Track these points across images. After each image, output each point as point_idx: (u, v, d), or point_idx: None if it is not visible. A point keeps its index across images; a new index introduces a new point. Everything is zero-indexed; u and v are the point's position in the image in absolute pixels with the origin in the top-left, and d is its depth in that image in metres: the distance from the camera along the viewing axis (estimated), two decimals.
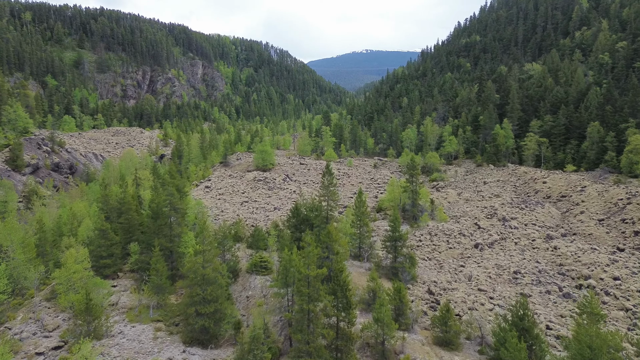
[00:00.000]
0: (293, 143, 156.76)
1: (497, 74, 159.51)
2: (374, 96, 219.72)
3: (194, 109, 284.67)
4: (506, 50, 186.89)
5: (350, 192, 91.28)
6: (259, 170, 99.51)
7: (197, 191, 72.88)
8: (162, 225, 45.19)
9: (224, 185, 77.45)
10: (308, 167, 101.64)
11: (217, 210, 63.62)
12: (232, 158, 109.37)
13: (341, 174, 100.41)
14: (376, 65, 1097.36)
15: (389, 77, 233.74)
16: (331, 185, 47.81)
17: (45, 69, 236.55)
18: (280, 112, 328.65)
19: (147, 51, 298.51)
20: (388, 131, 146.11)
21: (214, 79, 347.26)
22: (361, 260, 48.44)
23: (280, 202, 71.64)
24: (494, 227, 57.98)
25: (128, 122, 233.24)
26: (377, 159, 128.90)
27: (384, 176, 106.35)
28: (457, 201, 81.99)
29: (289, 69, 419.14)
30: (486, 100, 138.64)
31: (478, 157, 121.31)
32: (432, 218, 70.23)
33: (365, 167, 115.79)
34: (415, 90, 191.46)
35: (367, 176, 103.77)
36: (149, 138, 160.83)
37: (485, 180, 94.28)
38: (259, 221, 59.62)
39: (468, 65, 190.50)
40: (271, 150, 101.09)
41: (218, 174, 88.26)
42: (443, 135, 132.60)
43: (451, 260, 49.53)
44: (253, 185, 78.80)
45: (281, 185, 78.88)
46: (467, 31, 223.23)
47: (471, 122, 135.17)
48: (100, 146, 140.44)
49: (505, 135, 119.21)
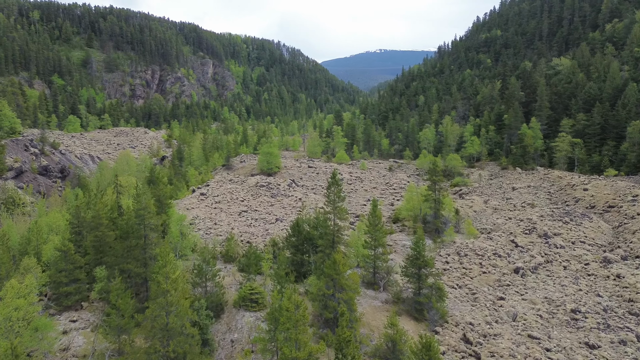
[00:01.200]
0: (303, 144, 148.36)
1: (520, 70, 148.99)
2: (388, 94, 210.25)
3: (204, 108, 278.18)
4: (530, 45, 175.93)
5: (363, 198, 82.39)
6: (263, 174, 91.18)
7: (190, 199, 64.84)
8: (133, 246, 36.87)
9: (222, 191, 69.27)
10: (317, 171, 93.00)
11: (209, 223, 55.36)
12: (235, 160, 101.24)
13: (353, 178, 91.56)
14: (390, 65, 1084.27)
15: (404, 74, 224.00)
16: (338, 199, 38.99)
17: (52, 68, 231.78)
18: (291, 111, 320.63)
19: (156, 50, 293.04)
20: (404, 131, 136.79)
21: (225, 78, 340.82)
22: (376, 290, 39.65)
23: (283, 211, 63.09)
24: (535, 246, 48.65)
25: (135, 122, 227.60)
26: (392, 161, 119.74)
27: (400, 180, 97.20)
28: (484, 210, 72.53)
29: (300, 67, 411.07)
30: (510, 97, 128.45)
31: (503, 159, 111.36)
32: (457, 231, 61.02)
33: (380, 170, 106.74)
34: (433, 88, 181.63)
35: (382, 180, 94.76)
36: (152, 139, 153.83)
37: (514, 185, 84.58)
38: (257, 236, 51.19)
39: (489, 61, 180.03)
40: (277, 152, 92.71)
41: (218, 179, 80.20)
42: (464, 136, 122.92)
43: (486, 289, 40.42)
44: (254, 192, 70.46)
45: (286, 191, 70.43)
46: (486, 26, 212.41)
47: (494, 121, 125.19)
48: (101, 147, 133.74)
49: (533, 136, 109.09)
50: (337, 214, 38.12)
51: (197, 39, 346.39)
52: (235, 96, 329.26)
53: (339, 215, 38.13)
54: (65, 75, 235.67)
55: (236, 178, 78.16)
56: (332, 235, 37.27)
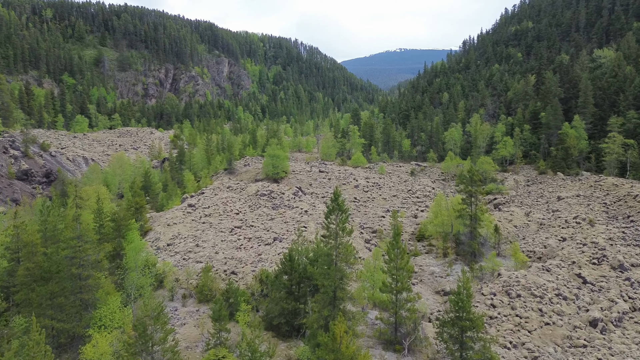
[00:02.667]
0: (317, 145, 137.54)
1: (557, 63, 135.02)
2: (409, 92, 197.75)
3: (217, 108, 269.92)
4: (565, 37, 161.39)
5: (381, 208, 70.98)
6: (269, 179, 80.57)
7: (176, 211, 54.60)
8: (56, 293, 26.46)
9: (216, 201, 58.90)
10: (329, 176, 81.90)
11: (192, 243, 44.90)
12: (239, 164, 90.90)
13: (370, 184, 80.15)
14: (410, 64, 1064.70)
15: (427, 71, 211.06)
16: (342, 232, 27.58)
17: (63, 67, 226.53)
18: (308, 111, 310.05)
19: (170, 48, 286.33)
20: (427, 131, 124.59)
21: (240, 77, 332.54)
22: (399, 351, 28.37)
23: (284, 227, 52.26)
24: (611, 283, 36.81)
25: (147, 122, 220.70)
26: (414, 165, 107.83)
27: (424, 187, 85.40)
28: (526, 225, 60.44)
29: (318, 66, 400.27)
30: (547, 93, 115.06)
31: (541, 162, 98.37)
32: (498, 254, 49.19)
33: (401, 175, 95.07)
34: (458, 84, 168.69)
35: (403, 187, 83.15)
36: (159, 140, 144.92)
37: (560, 194, 72.02)
38: (245, 263, 40.52)
39: (519, 55, 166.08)
40: (284, 155, 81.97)
41: (216, 185, 69.93)
42: (495, 136, 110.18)
43: (553, 350, 28.80)
44: (253, 202, 59.85)
45: (290, 202, 59.67)
46: (516, 18, 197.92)
47: (529, 119, 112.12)
48: (102, 148, 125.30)
49: (576, 136, 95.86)
50: (340, 255, 26.76)
51: (212, 37, 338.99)
52: (251, 95, 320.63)
53: (343, 255, 26.77)
54: (77, 74, 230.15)
55: (236, 185, 67.71)
56: (334, 285, 25.89)
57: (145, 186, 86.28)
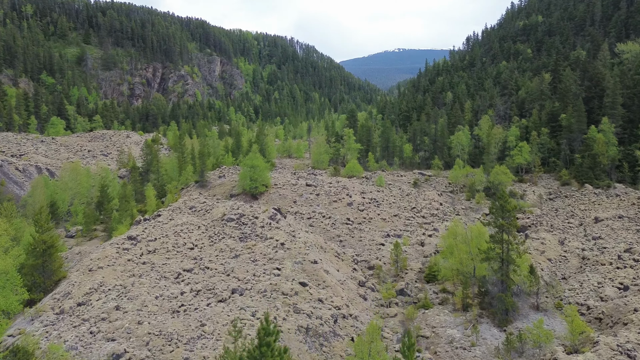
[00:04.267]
0: (309, 149, 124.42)
1: (572, 59, 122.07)
2: (410, 92, 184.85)
3: (208, 109, 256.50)
4: (579, 32, 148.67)
5: (380, 233, 58.00)
6: (245, 195, 67.47)
7: (109, 247, 41.11)
8: None
9: (167, 231, 45.86)
10: (317, 191, 68.78)
11: (112, 303, 31.60)
12: (212, 175, 77.58)
13: (367, 200, 67.06)
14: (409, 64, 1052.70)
15: (428, 69, 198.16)
16: None
17: (42, 65, 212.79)
18: (303, 111, 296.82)
19: (158, 46, 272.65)
20: (431, 134, 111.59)
21: (233, 76, 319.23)
22: None
23: (250, 270, 39.18)
24: None
25: (131, 124, 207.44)
26: (417, 173, 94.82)
27: (429, 202, 72.38)
28: (564, 259, 47.55)
29: (315, 65, 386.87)
30: (566, 92, 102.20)
31: (563, 171, 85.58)
32: (536, 307, 36.25)
33: (402, 187, 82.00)
34: (462, 83, 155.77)
35: (406, 203, 70.08)
36: (135, 144, 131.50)
37: (597, 214, 59.04)
38: (177, 344, 27.38)
39: (529, 52, 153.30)
40: (264, 166, 68.85)
41: (178, 204, 56.87)
42: (508, 140, 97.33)
43: None
44: (216, 231, 46.79)
45: (264, 229, 46.70)
46: (523, 12, 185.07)
47: (547, 122, 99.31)
48: (67, 155, 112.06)
49: (605, 142, 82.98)
50: None
51: (204, 35, 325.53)
52: (244, 95, 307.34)
53: None
54: (57, 73, 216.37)
55: (202, 204, 54.70)
56: None
57: (100, 202, 73.28)
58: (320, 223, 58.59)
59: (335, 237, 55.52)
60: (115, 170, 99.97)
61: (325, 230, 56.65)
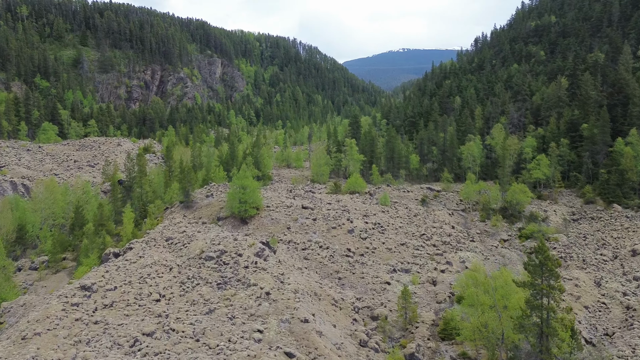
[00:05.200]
0: (310, 157, 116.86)
1: (590, 63, 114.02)
2: (415, 95, 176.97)
3: (207, 112, 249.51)
4: (596, 33, 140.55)
5: (385, 267, 50.59)
6: (234, 219, 60.12)
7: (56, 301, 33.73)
8: None
9: (132, 274, 38.65)
10: (314, 214, 61.29)
11: None
12: (199, 195, 70.11)
13: (370, 226, 59.57)
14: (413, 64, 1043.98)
15: (434, 71, 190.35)
16: None
17: (36, 68, 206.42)
18: (306, 114, 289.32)
19: (157, 48, 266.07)
20: (439, 144, 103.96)
21: (234, 78, 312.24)
22: None
23: (227, 333, 31.80)
24: None
25: (127, 129, 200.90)
26: (426, 188, 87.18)
27: (440, 225, 64.86)
28: (603, 307, 40.03)
29: (318, 67, 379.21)
30: (586, 99, 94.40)
31: (587, 188, 77.77)
32: None
33: (409, 205, 74.41)
34: (470, 86, 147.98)
35: (414, 227, 62.57)
36: (126, 153, 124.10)
37: (635, 244, 51.34)
38: None
39: (542, 54, 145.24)
40: (255, 185, 61.45)
41: (155, 235, 49.64)
42: (524, 152, 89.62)
43: None
44: (190, 275, 39.53)
45: (248, 271, 39.45)
46: (535, 12, 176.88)
47: (566, 131, 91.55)
48: (51, 166, 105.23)
49: (634, 156, 75.20)
50: None
51: (204, 36, 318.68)
52: (245, 98, 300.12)
53: None
54: (52, 76, 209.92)
55: (180, 234, 47.47)
56: None
57: (74, 225, 66.23)
58: (316, 255, 51.21)
59: (334, 274, 48.19)
60: (100, 183, 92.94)
61: (322, 265, 49.31)
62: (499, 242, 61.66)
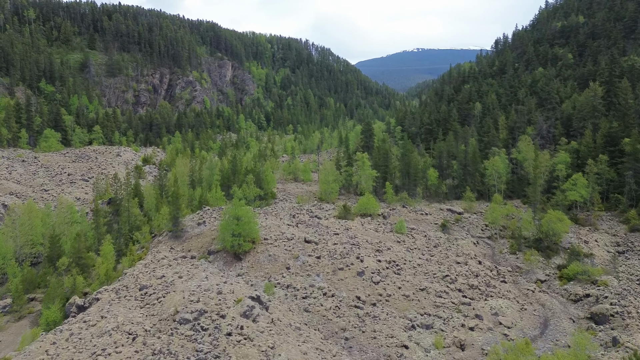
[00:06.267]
0: (318, 168, 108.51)
1: (626, 68, 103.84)
2: (432, 100, 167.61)
3: (216, 117, 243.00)
4: (629, 35, 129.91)
5: (402, 321, 42.35)
6: (227, 254, 52.14)
7: None
8: None
9: (83, 348, 30.95)
10: (318, 250, 52.94)
11: None
12: (190, 222, 62.13)
13: (383, 265, 51.04)
14: (428, 65, 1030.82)
15: (452, 74, 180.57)
16: None
17: (42, 72, 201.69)
18: (317, 118, 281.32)
19: (166, 51, 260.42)
20: (460, 158, 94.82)
21: (244, 81, 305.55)
22: None
23: None
24: None
25: (134, 135, 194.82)
26: (446, 210, 78.37)
27: (465, 260, 56.21)
28: None
29: (330, 68, 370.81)
30: (627, 110, 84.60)
31: (631, 213, 68.23)
32: None
33: (428, 233, 65.77)
34: (492, 92, 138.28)
35: (435, 265, 53.95)
36: (125, 165, 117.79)
37: None
38: None
39: (570, 57, 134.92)
40: (250, 214, 53.30)
41: (129, 280, 41.93)
42: (557, 168, 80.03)
43: None
44: (157, 349, 31.71)
45: (229, 341, 31.57)
46: (560, 11, 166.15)
47: (604, 146, 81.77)
48: (42, 180, 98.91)
49: None
50: None
51: (214, 38, 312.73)
52: (255, 101, 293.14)
53: None
54: (57, 80, 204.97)
55: (157, 280, 39.68)
56: None
57: (51, 256, 58.94)
58: (319, 307, 43.00)
59: (339, 332, 40.00)
60: (90, 201, 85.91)
61: (325, 320, 41.16)
62: (536, 284, 52.70)
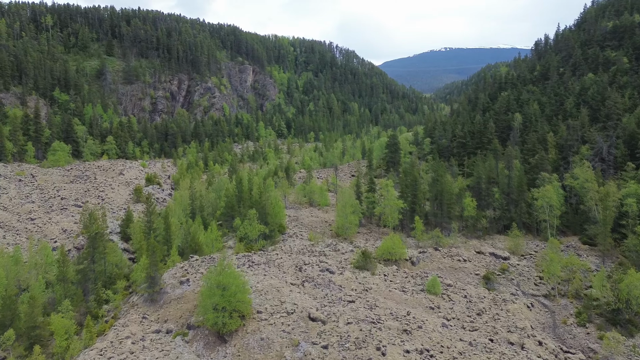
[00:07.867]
0: (337, 187, 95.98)
1: None
2: (465, 109, 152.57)
3: (234, 124, 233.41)
4: None
5: None
6: (208, 332, 40.17)
7: None
8: None
9: None
10: (326, 334, 40.08)
11: None
12: (171, 279, 49.91)
13: (413, 356, 38.03)
14: (456, 64, 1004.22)
15: (486, 80, 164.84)
16: None
17: (56, 81, 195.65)
18: (340, 125, 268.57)
19: (184, 56, 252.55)
20: (502, 184, 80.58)
21: (266, 86, 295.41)
22: None
23: None
24: None
25: (149, 145, 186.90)
26: (489, 255, 64.56)
27: (519, 335, 43.22)
28: None
29: (354, 71, 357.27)
30: None
31: None
32: None
33: (469, 291, 52.55)
34: (533, 101, 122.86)
35: (480, 350, 40.65)
36: (126, 185, 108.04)
37: None
38: None
39: (625, 61, 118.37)
40: (239, 284, 41.14)
41: None
42: (625, 202, 65.14)
43: None
44: None
45: None
46: (611, 9, 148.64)
47: None
48: (30, 206, 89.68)
49: None
50: None
51: (235, 42, 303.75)
52: (276, 107, 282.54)
53: None
54: (72, 88, 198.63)
55: None
56: None
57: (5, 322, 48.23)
58: None
59: None
60: (74, 236, 75.69)
61: None
62: None
